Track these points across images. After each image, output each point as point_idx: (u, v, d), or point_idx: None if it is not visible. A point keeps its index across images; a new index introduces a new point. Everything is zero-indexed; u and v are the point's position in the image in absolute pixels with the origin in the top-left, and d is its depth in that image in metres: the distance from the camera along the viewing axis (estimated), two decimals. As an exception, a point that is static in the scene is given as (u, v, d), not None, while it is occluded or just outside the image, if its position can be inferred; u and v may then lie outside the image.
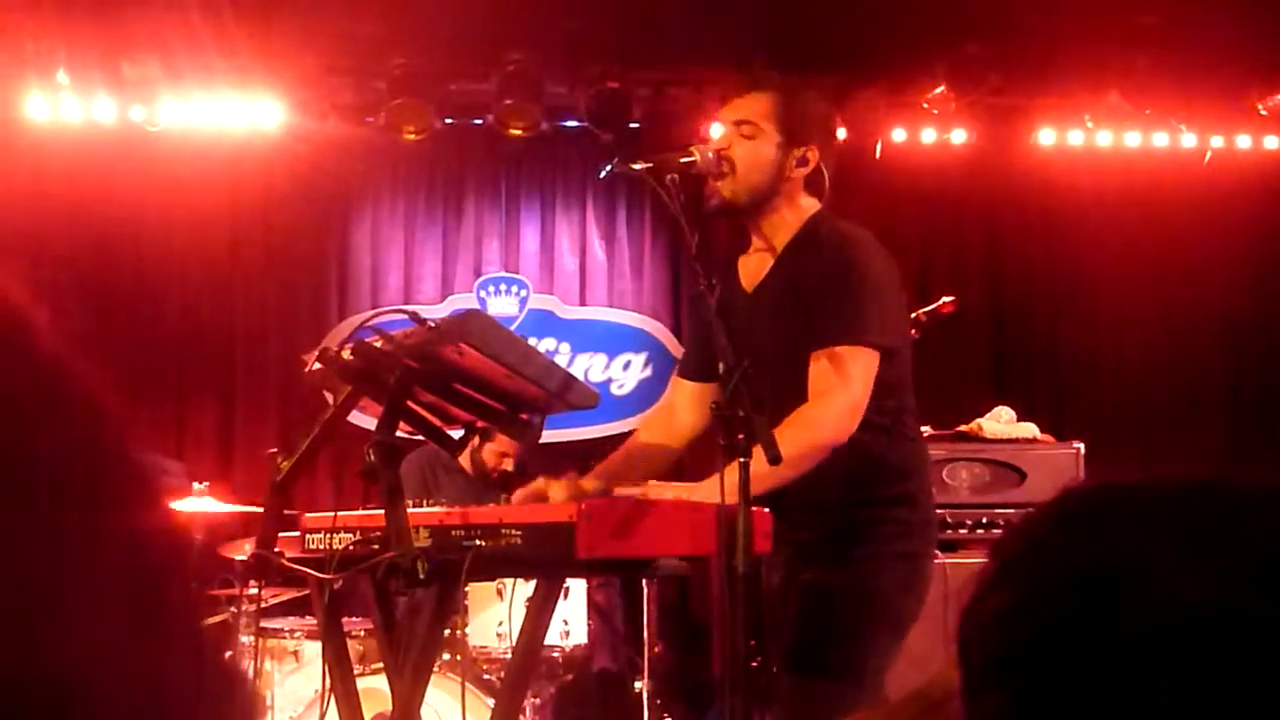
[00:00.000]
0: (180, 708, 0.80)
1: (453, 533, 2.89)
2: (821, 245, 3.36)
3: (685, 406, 3.63)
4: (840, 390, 3.19)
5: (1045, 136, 8.13)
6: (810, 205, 3.48)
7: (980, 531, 5.38)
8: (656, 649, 6.24)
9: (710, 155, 3.33)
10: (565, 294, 8.16)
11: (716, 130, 3.46)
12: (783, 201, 3.44)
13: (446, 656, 5.30)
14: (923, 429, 5.43)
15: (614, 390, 8.03)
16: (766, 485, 2.89)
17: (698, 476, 3.08)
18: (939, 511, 5.22)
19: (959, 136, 7.98)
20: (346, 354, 3.00)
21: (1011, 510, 5.40)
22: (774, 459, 2.77)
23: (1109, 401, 8.33)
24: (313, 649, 5.36)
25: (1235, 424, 8.40)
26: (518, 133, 7.61)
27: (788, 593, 3.33)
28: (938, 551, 4.49)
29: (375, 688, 4.14)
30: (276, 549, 3.09)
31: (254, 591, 5.12)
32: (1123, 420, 8.28)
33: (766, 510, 2.89)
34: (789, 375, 3.23)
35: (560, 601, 5.27)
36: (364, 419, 5.28)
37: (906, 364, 3.43)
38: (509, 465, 6.35)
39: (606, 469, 3.50)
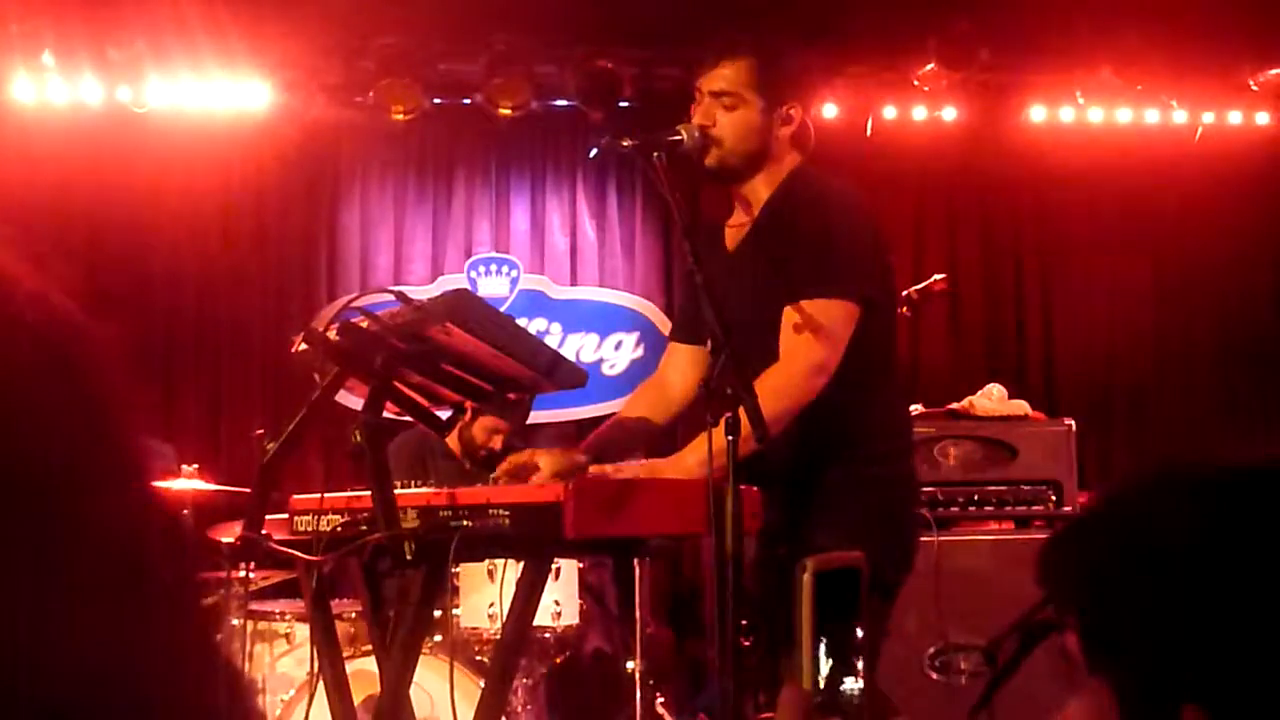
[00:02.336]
0: (171, 699, 0.79)
1: (440, 513, 2.87)
2: (795, 201, 3.34)
3: (678, 371, 3.61)
4: (808, 347, 3.16)
5: (1036, 113, 8.12)
6: (791, 161, 3.45)
7: (971, 509, 5.36)
8: (649, 629, 6.23)
9: (697, 134, 3.31)
10: (556, 274, 8.14)
11: (696, 106, 3.41)
12: (770, 162, 3.42)
13: (437, 638, 5.29)
14: (913, 406, 5.45)
15: (605, 370, 8.02)
16: (740, 451, 2.85)
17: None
18: (930, 489, 5.24)
19: (950, 114, 7.97)
20: (333, 335, 2.97)
21: (1003, 487, 5.39)
22: (761, 437, 2.75)
23: (1100, 378, 8.33)
24: (304, 631, 5.34)
25: (1226, 399, 8.40)
26: (507, 112, 7.58)
27: (768, 564, 3.28)
28: (927, 514, 4.43)
29: (365, 669, 4.12)
30: (264, 531, 3.07)
31: (243, 574, 5.11)
32: (1114, 397, 8.28)
33: (755, 488, 2.87)
34: (768, 335, 3.21)
35: (552, 582, 5.26)
36: (353, 400, 5.28)
37: (888, 321, 3.38)
38: (498, 444, 6.30)
39: (596, 442, 3.49)
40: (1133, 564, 1.06)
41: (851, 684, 2.67)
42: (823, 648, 2.54)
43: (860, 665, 2.92)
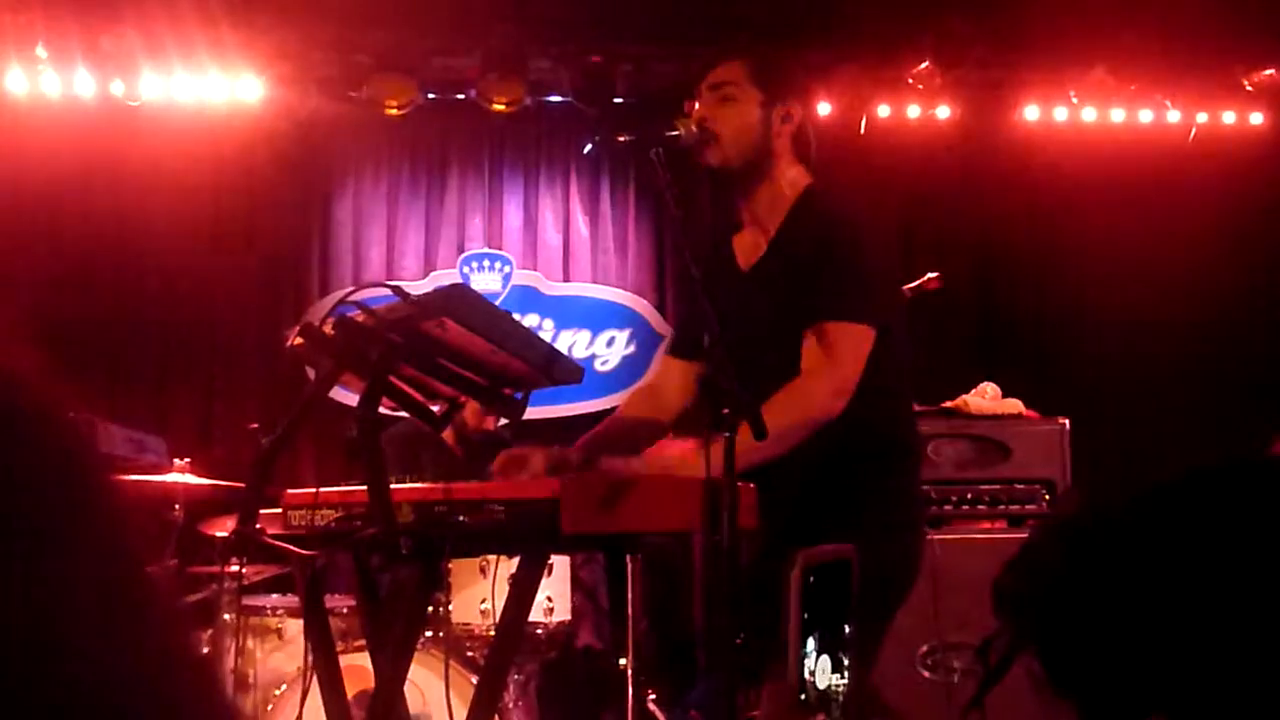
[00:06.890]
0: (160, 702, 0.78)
1: (435, 509, 2.85)
2: (817, 221, 3.32)
3: (673, 384, 3.59)
4: (830, 367, 3.16)
5: (1030, 112, 8.12)
6: (801, 177, 3.44)
7: (964, 507, 5.37)
8: (642, 625, 6.23)
9: (694, 128, 3.30)
10: (549, 270, 8.13)
11: (697, 103, 3.42)
12: (774, 167, 3.40)
13: (430, 634, 5.29)
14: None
15: (598, 366, 8.01)
16: (753, 460, 2.86)
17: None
18: (924, 487, 5.23)
19: (944, 112, 7.97)
20: (328, 329, 2.96)
21: (996, 486, 5.39)
22: (759, 434, 2.74)
23: (1094, 377, 8.33)
24: (295, 626, 5.33)
25: (1218, 399, 8.41)
26: (501, 108, 7.57)
27: (774, 571, 3.27)
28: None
29: (358, 665, 4.11)
30: (258, 525, 3.06)
31: (235, 569, 5.10)
32: (1107, 396, 8.28)
33: (752, 485, 2.87)
34: (785, 354, 3.20)
35: (545, 578, 5.25)
36: (347, 395, 5.27)
37: (902, 340, 3.39)
38: (490, 423, 6.30)
39: (591, 442, 3.47)
40: (1080, 588, 1.10)
41: (838, 681, 2.66)
42: (811, 645, 2.53)
43: (848, 664, 2.92)
